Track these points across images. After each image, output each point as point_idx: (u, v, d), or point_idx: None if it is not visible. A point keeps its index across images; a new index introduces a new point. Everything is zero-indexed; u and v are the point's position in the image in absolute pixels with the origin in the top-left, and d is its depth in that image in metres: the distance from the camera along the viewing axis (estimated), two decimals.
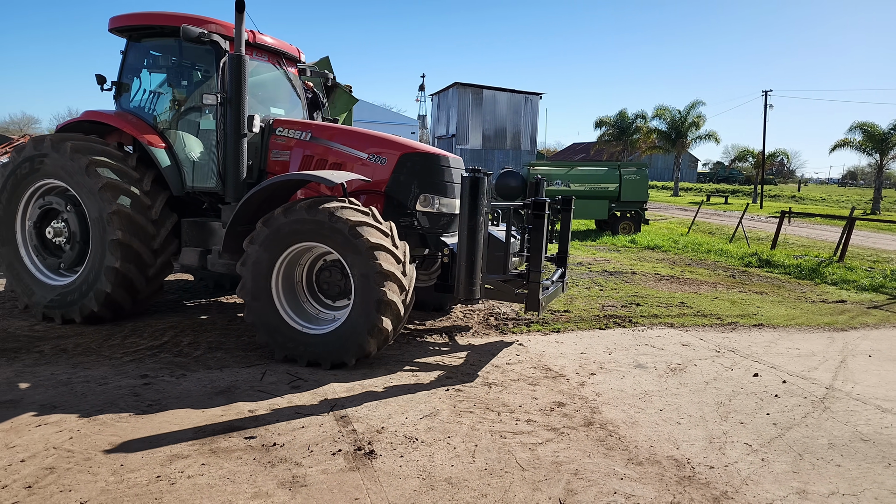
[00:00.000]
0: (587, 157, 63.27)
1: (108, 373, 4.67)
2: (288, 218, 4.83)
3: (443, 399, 4.34)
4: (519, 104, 24.34)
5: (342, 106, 10.86)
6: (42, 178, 5.95)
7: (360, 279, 4.69)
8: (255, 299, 5.00)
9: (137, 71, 6.29)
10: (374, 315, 4.66)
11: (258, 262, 4.97)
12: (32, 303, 6.04)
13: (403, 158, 5.57)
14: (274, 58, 6.49)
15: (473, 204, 4.62)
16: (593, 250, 13.06)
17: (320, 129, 5.88)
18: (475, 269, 4.76)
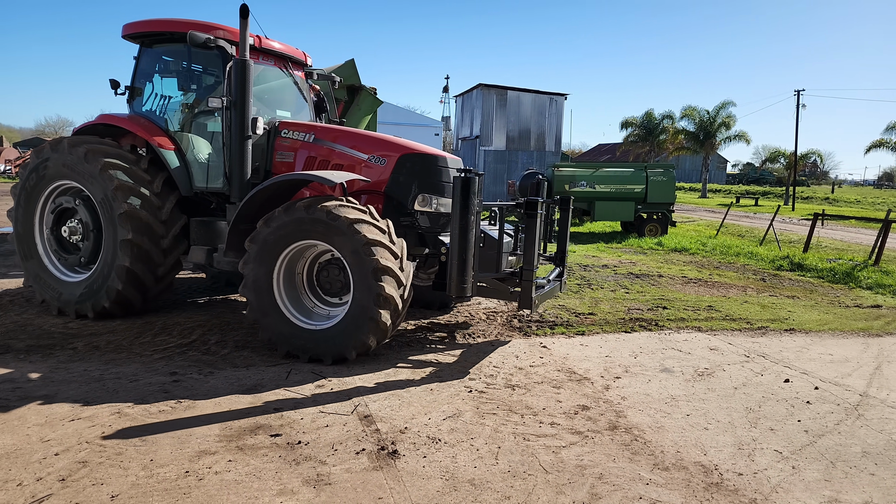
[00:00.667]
0: (613, 158, 62.59)
1: (138, 370, 4.78)
2: (288, 217, 4.94)
3: (466, 401, 4.34)
4: (543, 105, 24.18)
5: (367, 108, 10.96)
6: (58, 178, 6.15)
7: (359, 275, 4.79)
8: (257, 297, 5.11)
9: (150, 76, 6.48)
10: (374, 310, 4.76)
11: (259, 260, 5.07)
12: (51, 298, 6.22)
13: (402, 159, 5.68)
14: (280, 62, 6.62)
15: (465, 203, 4.72)
16: (619, 252, 12.91)
17: (323, 130, 6.01)
18: (466, 267, 4.85)
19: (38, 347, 5.24)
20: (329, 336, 4.97)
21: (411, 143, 6.03)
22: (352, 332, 4.86)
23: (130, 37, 6.38)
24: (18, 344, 5.31)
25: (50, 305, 6.27)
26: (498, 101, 23.61)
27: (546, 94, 24.12)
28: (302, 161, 5.97)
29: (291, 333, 5.08)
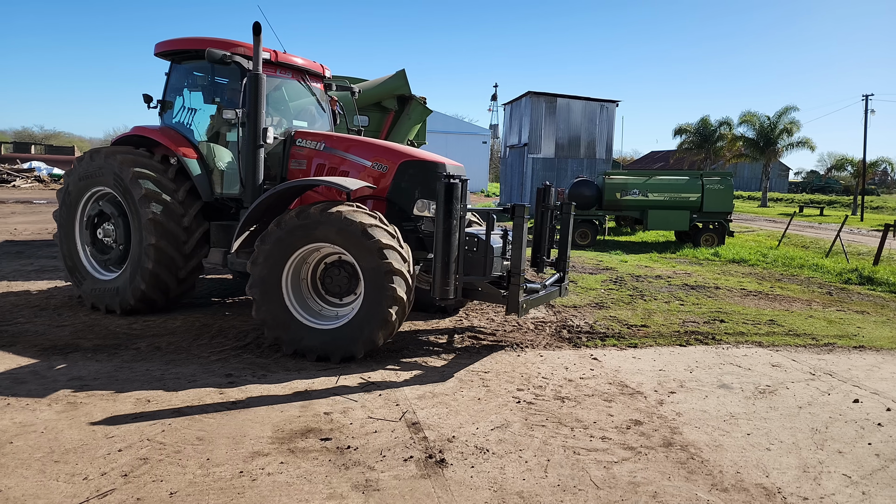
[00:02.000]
0: (666, 165, 60.94)
1: (196, 371, 4.95)
2: (301, 220, 5.15)
3: (514, 411, 4.28)
4: (594, 112, 23.81)
5: (417, 117, 11.07)
6: (96, 185, 6.67)
7: (371, 276, 4.98)
8: (264, 296, 5.28)
9: (179, 90, 6.92)
10: (385, 310, 4.95)
11: (269, 261, 5.25)
12: (86, 294, 6.76)
13: (403, 166, 5.92)
14: (298, 75, 6.95)
15: (448, 208, 4.85)
16: (673, 263, 12.53)
17: (332, 139, 6.32)
18: (449, 270, 4.95)
19: (104, 347, 5.51)
20: (337, 335, 5.14)
21: (412, 149, 6.28)
22: (361, 330, 5.05)
23: (162, 54, 6.84)
24: (86, 343, 5.60)
25: (85, 300, 6.80)
26: (547, 109, 23.42)
27: (597, 100, 23.75)
28: (313, 168, 6.29)
29: (299, 333, 5.25)
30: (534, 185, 23.38)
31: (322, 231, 5.09)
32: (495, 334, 6.37)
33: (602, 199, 15.49)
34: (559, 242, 6.57)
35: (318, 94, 7.22)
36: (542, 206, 6.69)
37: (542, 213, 6.68)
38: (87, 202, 6.87)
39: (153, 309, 6.60)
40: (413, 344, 5.92)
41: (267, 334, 5.38)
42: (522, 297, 5.36)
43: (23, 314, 6.51)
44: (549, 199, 6.61)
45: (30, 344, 5.49)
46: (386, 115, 10.88)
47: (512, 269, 5.27)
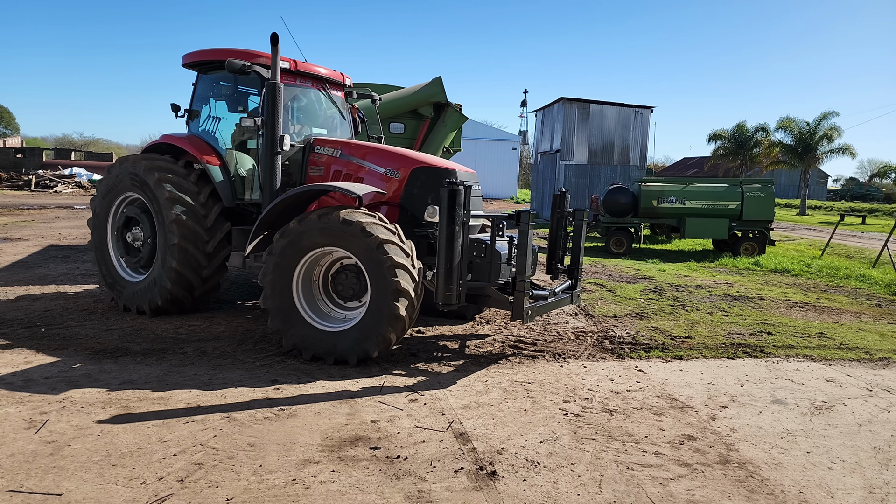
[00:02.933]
0: (699, 172, 59.80)
1: (243, 376, 5.00)
2: (303, 226, 5.27)
3: (562, 424, 4.21)
4: (628, 118, 23.49)
5: (452, 124, 11.09)
6: (126, 191, 6.96)
7: (374, 273, 5.08)
8: (278, 305, 5.40)
9: (206, 99, 7.14)
10: (392, 304, 5.01)
11: (279, 266, 5.37)
12: (118, 296, 7.02)
13: (415, 172, 6.00)
14: (318, 83, 7.09)
15: (451, 214, 4.88)
16: (713, 272, 12.25)
17: (348, 146, 6.43)
18: (452, 276, 4.97)
19: (152, 351, 5.62)
20: (350, 336, 5.22)
21: (424, 156, 6.36)
22: (372, 329, 5.12)
23: (189, 65, 7.08)
24: (135, 347, 5.72)
25: (118, 302, 7.05)
26: (580, 115, 23.22)
27: (631, 106, 23.46)
28: (330, 174, 6.41)
29: (314, 338, 5.34)
30: None
31: (324, 235, 5.22)
32: (536, 344, 6.29)
33: (638, 207, 15.25)
34: (572, 250, 6.50)
35: (338, 102, 7.37)
36: (557, 212, 6.64)
37: (557, 219, 6.61)
38: (117, 208, 7.18)
39: (181, 309, 6.84)
40: (452, 351, 5.89)
41: (284, 342, 5.48)
42: (528, 303, 5.37)
43: (73, 318, 6.69)
44: (565, 205, 6.56)
45: (81, 347, 5.63)
46: (422, 123, 10.94)
47: (517, 276, 5.27)
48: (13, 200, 25.59)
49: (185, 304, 6.81)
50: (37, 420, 3.98)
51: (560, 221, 6.56)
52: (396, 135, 10.92)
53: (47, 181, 32.95)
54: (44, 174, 34.11)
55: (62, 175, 34.97)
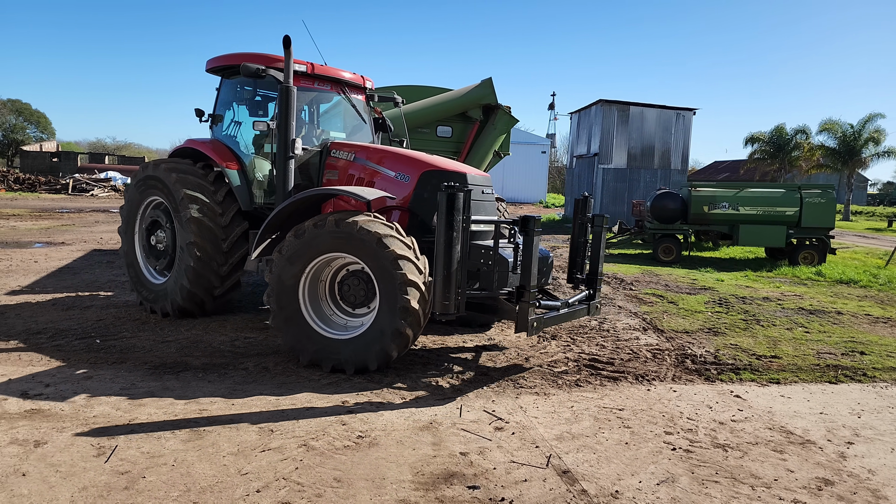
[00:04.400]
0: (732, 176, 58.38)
1: (311, 397, 4.69)
2: (318, 230, 5.13)
3: (673, 461, 3.79)
4: (669, 121, 22.83)
5: (502, 127, 10.73)
6: (150, 195, 7.07)
7: (386, 287, 4.94)
8: (281, 305, 5.28)
9: (229, 104, 7.13)
10: (398, 321, 4.89)
11: (286, 269, 5.25)
12: (144, 299, 7.12)
13: (425, 176, 5.80)
14: (337, 86, 6.97)
15: (449, 219, 4.65)
16: (775, 283, 11.63)
17: (361, 150, 6.32)
18: (450, 283, 4.71)
19: (212, 366, 5.35)
20: (352, 346, 5.11)
21: (436, 159, 6.12)
22: (376, 342, 5.00)
23: (212, 70, 7.10)
24: (195, 361, 5.45)
25: (145, 304, 7.11)
26: (619, 117, 22.64)
27: (672, 108, 22.80)
28: (344, 178, 6.29)
29: (315, 343, 5.22)
30: (604, 197, 22.61)
31: (339, 240, 5.08)
32: (613, 364, 5.87)
33: (687, 213, 14.67)
34: (590, 258, 6.12)
35: (358, 106, 7.22)
36: (579, 218, 6.24)
37: (579, 225, 6.22)
38: (143, 211, 7.27)
39: (202, 309, 6.83)
40: (522, 370, 5.50)
41: (282, 342, 5.37)
42: (535, 314, 5.07)
43: (126, 328, 6.48)
44: (588, 210, 6.18)
45: (140, 361, 5.39)
46: (470, 126, 10.59)
47: (522, 285, 4.96)
48: (52, 204, 25.99)
49: (207, 305, 6.82)
50: (105, 446, 3.70)
51: (582, 228, 6.21)
52: (444, 138, 10.61)
53: (84, 185, 33.50)
54: (80, 178, 34.70)
55: (98, 179, 35.53)
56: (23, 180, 33.16)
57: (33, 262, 10.59)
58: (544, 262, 5.93)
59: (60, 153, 49.88)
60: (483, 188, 6.01)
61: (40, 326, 6.37)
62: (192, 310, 6.76)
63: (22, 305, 7.32)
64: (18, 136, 57.10)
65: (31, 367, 5.09)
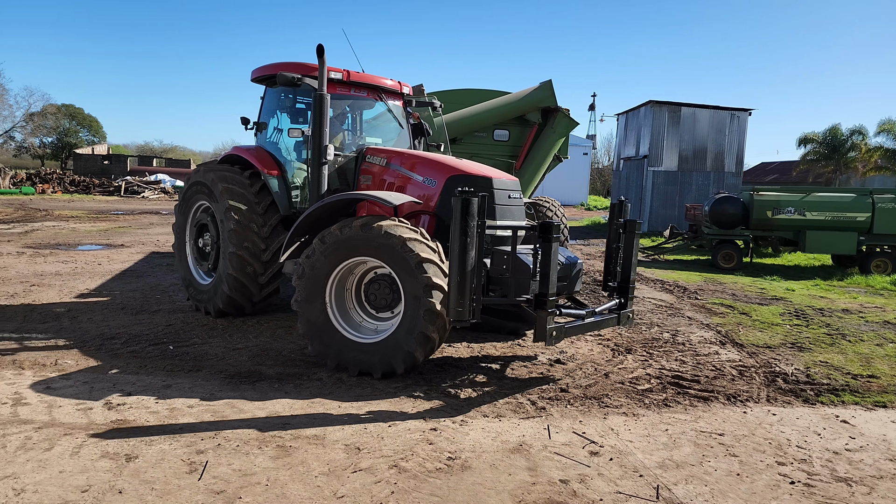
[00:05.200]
0: (780, 178, 56.37)
1: (391, 410, 4.55)
2: (343, 234, 5.18)
3: (796, 497, 3.49)
4: (723, 122, 22.05)
5: (562, 130, 10.47)
6: (199, 199, 7.36)
7: (410, 291, 4.95)
8: (309, 310, 5.32)
9: (272, 112, 7.30)
10: (423, 324, 4.89)
11: (314, 274, 5.29)
12: (192, 297, 7.43)
13: (451, 180, 5.74)
14: (374, 92, 7.06)
15: (463, 224, 4.56)
16: (850, 293, 11.01)
17: (395, 155, 6.33)
18: (464, 290, 4.60)
19: (287, 376, 5.27)
20: (378, 349, 5.12)
21: (462, 163, 6.10)
22: (401, 345, 5.00)
23: (257, 80, 7.29)
24: (269, 371, 5.39)
25: (192, 303, 7.47)
26: (670, 118, 22.00)
27: (726, 109, 22.03)
28: (376, 183, 6.33)
29: (342, 346, 5.25)
30: (654, 200, 22.01)
31: (363, 245, 5.13)
32: (699, 381, 5.56)
33: (749, 218, 14.08)
34: (622, 264, 5.78)
35: (395, 111, 7.28)
36: (615, 222, 5.95)
37: (615, 230, 5.92)
38: (193, 214, 7.57)
39: (241, 312, 7.07)
40: (606, 388, 5.24)
41: (311, 348, 5.41)
42: (554, 324, 4.88)
43: (196, 334, 6.48)
44: (624, 215, 5.89)
45: (214, 369, 5.35)
46: (528, 129, 10.35)
47: (540, 292, 4.77)
48: (106, 206, 26.82)
49: (246, 309, 7.06)
50: (196, 462, 3.62)
51: (617, 233, 5.92)
52: (500, 142, 10.40)
53: (135, 187, 34.51)
54: (132, 180, 35.76)
55: (148, 181, 36.56)
56: (78, 182, 34.40)
57: (97, 264, 10.83)
58: (570, 269, 5.75)
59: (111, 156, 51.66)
60: (510, 192, 5.95)
61: (113, 331, 6.43)
62: (232, 313, 7.04)
63: (92, 309, 7.43)
64: (72, 139, 59.33)
65: (110, 375, 5.10)
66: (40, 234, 15.11)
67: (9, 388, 4.69)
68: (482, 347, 6.39)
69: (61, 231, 16.06)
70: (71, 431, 3.96)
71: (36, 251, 12.13)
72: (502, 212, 5.76)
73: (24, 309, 7.29)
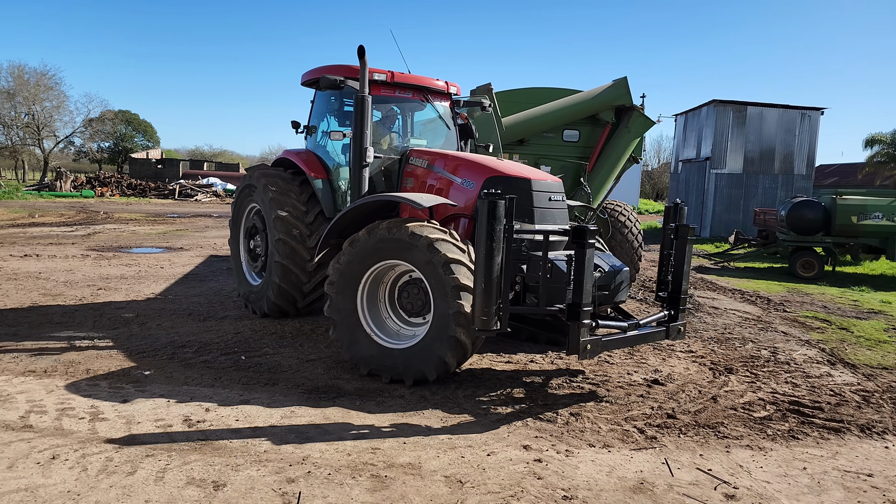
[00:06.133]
0: (841, 181, 53.61)
1: (487, 437, 4.14)
2: (371, 238, 5.08)
3: None
4: (793, 122, 20.87)
5: (637, 130, 9.90)
6: (251, 202, 7.45)
7: (439, 293, 4.80)
8: (341, 316, 5.24)
9: (322, 115, 7.27)
10: (453, 328, 4.70)
11: (343, 279, 5.22)
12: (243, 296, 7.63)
13: (488, 182, 5.50)
14: (420, 94, 6.89)
15: (490, 227, 4.31)
16: None
17: (435, 157, 6.16)
18: (490, 297, 4.31)
19: (367, 392, 4.93)
20: (410, 355, 4.97)
21: (500, 164, 5.87)
22: (432, 351, 4.84)
23: (306, 83, 7.20)
24: (347, 385, 5.07)
25: (243, 301, 7.63)
26: (735, 119, 20.96)
27: (796, 108, 20.82)
28: (419, 185, 6.19)
29: (374, 353, 5.15)
30: (717, 205, 21.00)
31: (391, 248, 5.01)
32: (822, 409, 4.95)
33: (830, 224, 13.14)
34: (674, 273, 5.27)
35: (441, 112, 7.12)
36: (668, 227, 5.41)
37: (669, 237, 5.40)
38: (246, 216, 7.68)
39: (286, 316, 7.16)
40: (719, 414, 4.70)
41: (343, 354, 5.35)
42: (589, 336, 4.53)
43: (266, 343, 6.23)
44: (680, 219, 5.35)
45: (291, 384, 5.06)
46: (601, 129, 9.81)
47: (573, 302, 4.47)
48: (162, 209, 27.46)
49: (290, 314, 7.16)
50: (288, 493, 3.30)
51: (671, 239, 5.39)
52: (570, 143, 9.90)
53: (188, 190, 35.32)
54: (185, 184, 36.63)
55: (201, 185, 37.37)
56: (134, 186, 35.43)
57: (160, 267, 10.84)
58: (613, 277, 5.27)
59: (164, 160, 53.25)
60: (551, 194, 5.68)
61: (183, 339, 6.25)
62: (276, 315, 7.14)
63: (160, 314, 7.30)
64: (127, 144, 61.48)
65: (186, 387, 4.87)
66: (102, 237, 15.39)
67: (85, 400, 4.50)
68: (563, 360, 5.92)
69: (122, 234, 16.35)
70: (153, 452, 3.70)
71: (100, 254, 12.29)
72: (542, 215, 5.50)
73: (94, 313, 7.22)
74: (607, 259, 5.52)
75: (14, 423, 4.04)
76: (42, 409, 4.30)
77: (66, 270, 10.11)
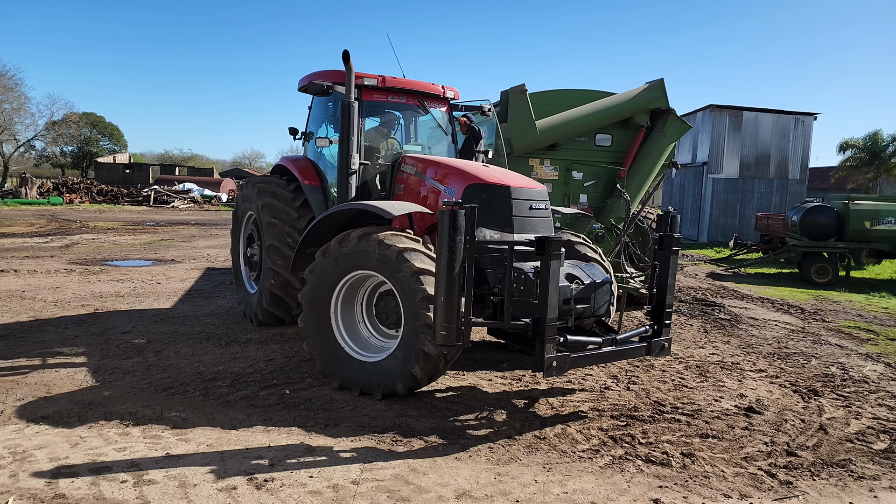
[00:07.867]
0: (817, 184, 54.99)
1: (592, 485, 3.57)
2: (342, 247, 4.94)
3: None
4: (787, 127, 20.98)
5: (673, 134, 9.50)
6: (248, 210, 7.36)
7: (408, 304, 4.63)
8: (314, 327, 5.13)
9: (320, 122, 7.10)
10: (422, 340, 4.51)
11: (316, 290, 5.10)
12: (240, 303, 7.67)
13: (469, 190, 5.26)
14: (414, 98, 6.68)
15: (451, 238, 4.07)
16: None
17: (422, 163, 5.96)
18: (452, 310, 4.06)
19: (440, 431, 4.34)
20: (379, 368, 4.84)
21: (482, 171, 5.49)
22: (401, 364, 4.69)
23: (303, 89, 6.95)
24: (417, 424, 4.45)
25: (240, 307, 7.65)
26: (731, 124, 20.93)
27: (790, 113, 20.92)
28: (409, 192, 5.99)
29: (346, 365, 5.02)
30: (714, 209, 20.92)
31: (362, 258, 4.85)
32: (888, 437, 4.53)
33: (843, 229, 13.01)
34: (657, 285, 4.95)
35: (437, 117, 6.91)
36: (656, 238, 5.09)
37: (654, 247, 5.10)
38: (245, 223, 7.63)
39: (281, 324, 7.03)
40: (835, 448, 4.24)
41: (317, 366, 5.23)
42: (555, 352, 4.26)
43: (307, 372, 5.54)
44: (674, 228, 5.02)
45: (355, 424, 4.41)
46: (635, 133, 9.38)
47: (539, 315, 4.22)
48: (138, 216, 26.15)
49: (286, 321, 6.99)
50: None
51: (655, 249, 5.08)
52: (602, 148, 9.44)
53: (164, 197, 33.92)
54: (161, 190, 35.20)
55: (178, 191, 35.98)
56: (105, 192, 33.86)
57: (156, 283, 9.97)
58: (592, 289, 4.87)
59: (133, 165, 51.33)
60: (533, 202, 5.32)
61: (210, 370, 5.52)
62: (271, 323, 7.02)
63: (174, 339, 6.54)
64: (93, 148, 59.08)
65: (235, 434, 4.17)
66: (83, 248, 14.34)
67: (122, 456, 3.77)
68: (638, 385, 5.40)
69: (103, 245, 15.29)
70: None
71: (84, 268, 11.32)
72: (521, 224, 5.13)
73: (98, 339, 6.41)
74: (589, 270, 5.05)
75: (43, 494, 3.30)
76: (72, 471, 3.56)
77: (52, 288, 9.19)
